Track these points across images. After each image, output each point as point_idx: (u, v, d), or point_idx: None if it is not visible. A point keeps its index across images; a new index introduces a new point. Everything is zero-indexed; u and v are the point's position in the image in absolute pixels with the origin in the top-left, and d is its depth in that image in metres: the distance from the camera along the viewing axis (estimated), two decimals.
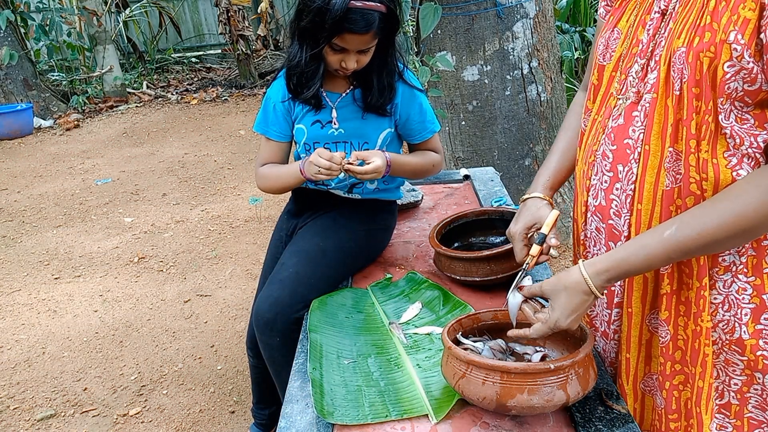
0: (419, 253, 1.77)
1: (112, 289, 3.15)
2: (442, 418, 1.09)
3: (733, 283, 1.01)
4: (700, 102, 0.92)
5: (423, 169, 1.70)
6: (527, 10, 3.06)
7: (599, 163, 1.09)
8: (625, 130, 1.03)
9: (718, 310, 1.03)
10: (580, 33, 4.87)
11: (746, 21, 0.85)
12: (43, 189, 4.79)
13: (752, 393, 1.04)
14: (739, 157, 0.93)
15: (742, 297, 1.00)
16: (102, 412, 2.28)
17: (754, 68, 0.86)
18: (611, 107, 1.08)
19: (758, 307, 0.99)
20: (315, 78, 1.52)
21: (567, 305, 1.03)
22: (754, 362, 1.01)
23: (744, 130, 0.91)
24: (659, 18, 1.00)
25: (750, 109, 0.91)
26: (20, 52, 6.81)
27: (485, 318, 1.21)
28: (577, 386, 1.00)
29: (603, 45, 1.11)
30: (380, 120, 1.62)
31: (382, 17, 1.40)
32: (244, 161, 5.13)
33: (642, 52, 1.01)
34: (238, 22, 7.77)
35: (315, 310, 1.48)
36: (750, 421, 1.06)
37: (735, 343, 1.02)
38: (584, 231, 1.19)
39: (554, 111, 3.28)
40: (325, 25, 1.37)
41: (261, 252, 3.41)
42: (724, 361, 1.05)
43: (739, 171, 0.93)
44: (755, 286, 0.99)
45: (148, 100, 7.61)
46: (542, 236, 1.18)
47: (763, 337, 1.00)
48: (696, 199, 0.96)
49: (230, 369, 2.48)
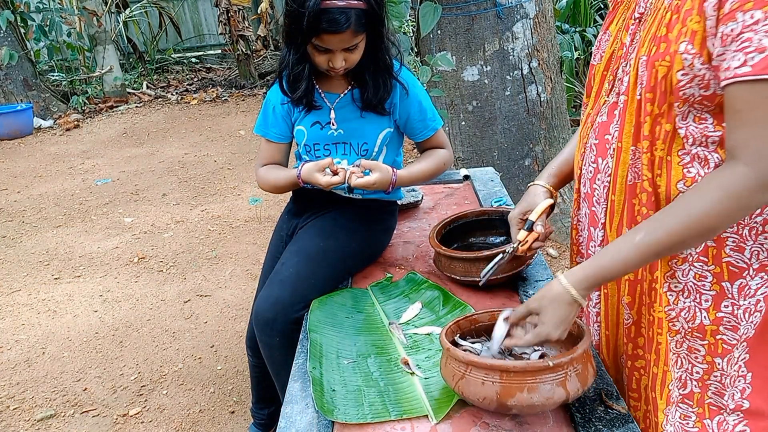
0: (419, 253, 1.77)
1: (112, 290, 3.15)
2: (442, 418, 1.09)
3: (690, 271, 1.06)
4: (653, 106, 1.00)
5: (436, 171, 1.70)
6: (527, 10, 3.06)
7: (587, 155, 1.18)
8: (607, 127, 1.12)
9: (679, 298, 1.09)
10: (580, 33, 4.87)
11: (694, 32, 0.93)
12: (43, 189, 4.79)
13: (712, 380, 1.10)
14: (692, 156, 1.00)
15: (702, 284, 1.06)
16: (102, 412, 2.28)
17: (707, 74, 0.93)
18: (600, 104, 1.15)
19: (718, 294, 1.05)
20: (302, 79, 1.53)
21: (554, 317, 1.06)
22: (714, 346, 1.07)
23: (699, 129, 0.98)
24: (636, 23, 1.07)
25: (711, 109, 0.97)
26: (20, 52, 6.81)
27: (483, 319, 1.21)
28: (577, 383, 1.01)
29: (596, 46, 1.20)
30: (379, 119, 1.62)
31: (361, 14, 1.39)
32: (244, 161, 5.13)
33: (624, 55, 1.09)
34: (238, 23, 7.77)
35: (315, 310, 1.48)
36: (710, 407, 1.11)
37: (697, 330, 1.08)
38: (577, 216, 1.25)
39: (554, 111, 3.28)
40: (302, 28, 1.38)
41: (261, 252, 3.41)
42: (688, 349, 1.10)
43: (689, 168, 1.01)
44: (715, 274, 1.05)
45: (148, 101, 7.62)
46: (530, 223, 1.24)
47: (723, 324, 1.06)
48: (648, 195, 1.05)
49: (230, 369, 2.48)
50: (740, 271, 1.04)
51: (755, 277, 1.04)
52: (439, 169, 1.71)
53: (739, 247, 1.03)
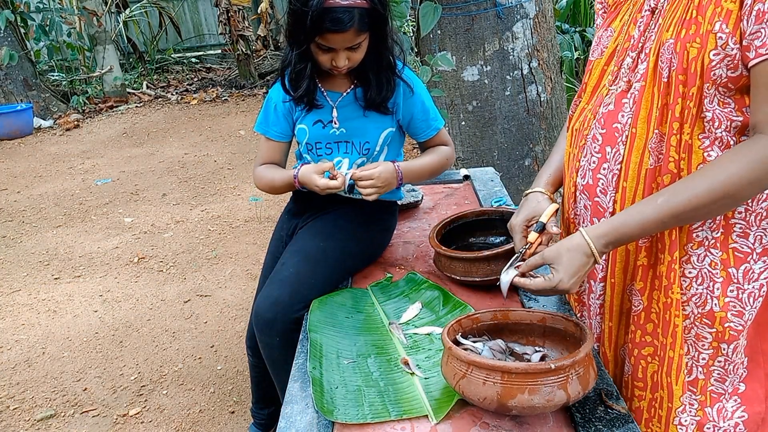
0: (419, 253, 1.77)
1: (112, 289, 3.15)
2: (442, 418, 1.09)
3: (706, 257, 1.08)
4: (686, 88, 1.01)
5: (439, 166, 1.70)
6: (527, 10, 3.06)
7: (589, 146, 1.18)
8: (615, 116, 1.12)
9: (692, 284, 1.10)
10: (580, 33, 4.87)
11: (729, 12, 0.96)
12: (43, 189, 4.79)
13: (716, 366, 1.12)
14: (712, 139, 1.03)
15: (716, 271, 1.08)
16: (102, 412, 2.28)
17: (737, 54, 0.96)
18: (603, 96, 1.16)
19: (725, 280, 1.08)
20: (304, 77, 1.53)
21: (569, 266, 1.09)
22: (721, 333, 1.10)
23: (724, 114, 1.01)
24: (649, 15, 1.09)
25: (732, 93, 1.00)
26: (20, 52, 6.81)
27: (485, 318, 1.21)
28: (578, 386, 1.00)
29: (595, 42, 1.22)
30: (382, 119, 1.62)
31: (364, 13, 1.39)
32: (244, 161, 5.13)
33: (633, 46, 1.10)
34: (238, 23, 7.77)
35: (315, 310, 1.48)
36: (711, 394, 1.14)
37: (706, 316, 1.10)
38: (574, 210, 1.26)
39: (554, 111, 3.28)
40: (306, 26, 1.37)
41: (261, 252, 3.41)
42: (695, 336, 1.12)
43: (710, 152, 1.03)
44: (722, 260, 1.08)
45: (148, 101, 7.62)
46: (541, 225, 1.24)
47: (730, 310, 1.08)
48: (672, 177, 1.05)
49: (230, 369, 2.48)
50: (745, 256, 1.07)
51: (758, 261, 1.07)
52: (443, 165, 1.71)
53: (744, 233, 1.06)
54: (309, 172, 1.53)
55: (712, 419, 1.13)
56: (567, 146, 1.28)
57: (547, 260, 1.12)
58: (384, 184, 1.54)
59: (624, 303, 1.21)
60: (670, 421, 1.15)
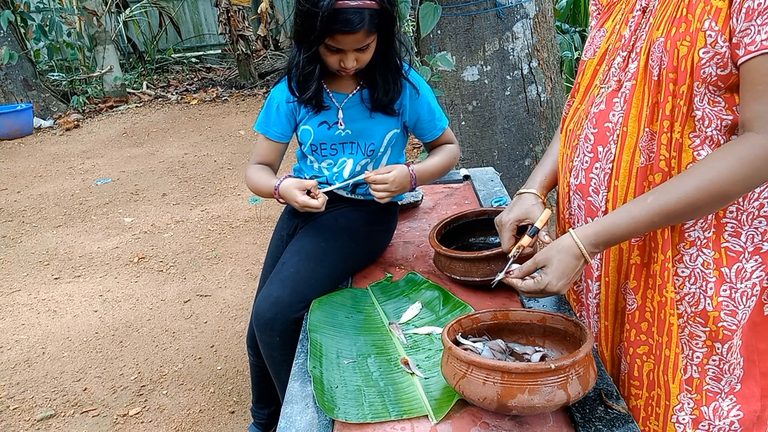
0: (419, 253, 1.77)
1: (112, 289, 3.15)
2: (442, 418, 1.09)
3: (699, 257, 1.08)
4: (677, 86, 1.01)
5: (449, 165, 1.71)
6: (527, 10, 3.06)
7: (581, 146, 1.18)
8: (606, 115, 1.13)
9: (685, 284, 1.10)
10: (580, 33, 4.87)
11: (718, 10, 0.96)
12: (43, 189, 4.79)
13: (711, 365, 1.12)
14: (702, 138, 1.02)
15: (708, 271, 1.08)
16: (102, 412, 2.28)
17: (727, 52, 0.96)
18: (594, 95, 1.17)
19: (718, 279, 1.08)
20: (312, 79, 1.52)
21: (559, 268, 1.08)
22: (715, 333, 1.10)
23: (714, 112, 1.01)
24: (640, 15, 1.10)
25: (722, 92, 1.00)
26: (20, 52, 6.81)
27: (485, 318, 1.21)
28: (578, 386, 1.00)
29: (588, 42, 1.22)
30: (387, 120, 1.62)
31: (374, 14, 1.38)
32: (244, 161, 5.13)
33: (624, 46, 1.11)
34: (238, 22, 7.77)
35: (315, 310, 1.48)
36: (707, 393, 1.14)
37: (699, 315, 1.10)
38: (569, 209, 1.26)
39: (554, 111, 3.28)
40: (316, 28, 1.36)
41: (261, 252, 3.41)
42: (689, 334, 1.12)
43: (699, 151, 1.03)
44: (715, 260, 1.08)
45: (148, 100, 7.62)
46: (535, 229, 1.24)
47: (723, 309, 1.08)
48: (663, 175, 1.05)
49: (230, 369, 2.48)
50: (737, 256, 1.07)
51: (750, 260, 1.07)
52: (452, 164, 1.73)
53: (736, 232, 1.06)
54: (290, 188, 1.51)
55: (708, 418, 1.14)
56: (561, 147, 1.28)
57: (539, 264, 1.12)
58: (398, 188, 1.55)
59: (619, 302, 1.22)
60: (668, 419, 1.15)
